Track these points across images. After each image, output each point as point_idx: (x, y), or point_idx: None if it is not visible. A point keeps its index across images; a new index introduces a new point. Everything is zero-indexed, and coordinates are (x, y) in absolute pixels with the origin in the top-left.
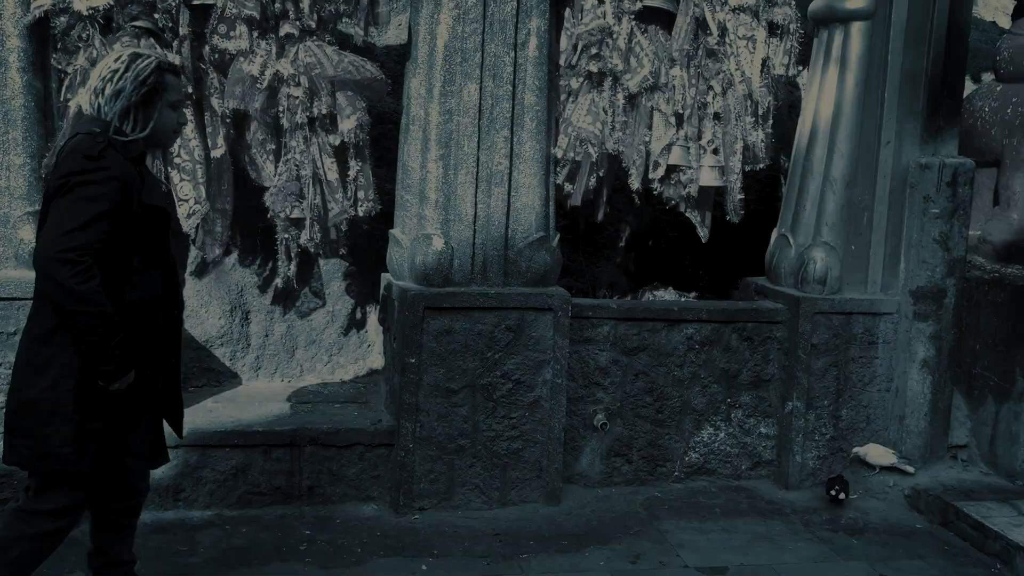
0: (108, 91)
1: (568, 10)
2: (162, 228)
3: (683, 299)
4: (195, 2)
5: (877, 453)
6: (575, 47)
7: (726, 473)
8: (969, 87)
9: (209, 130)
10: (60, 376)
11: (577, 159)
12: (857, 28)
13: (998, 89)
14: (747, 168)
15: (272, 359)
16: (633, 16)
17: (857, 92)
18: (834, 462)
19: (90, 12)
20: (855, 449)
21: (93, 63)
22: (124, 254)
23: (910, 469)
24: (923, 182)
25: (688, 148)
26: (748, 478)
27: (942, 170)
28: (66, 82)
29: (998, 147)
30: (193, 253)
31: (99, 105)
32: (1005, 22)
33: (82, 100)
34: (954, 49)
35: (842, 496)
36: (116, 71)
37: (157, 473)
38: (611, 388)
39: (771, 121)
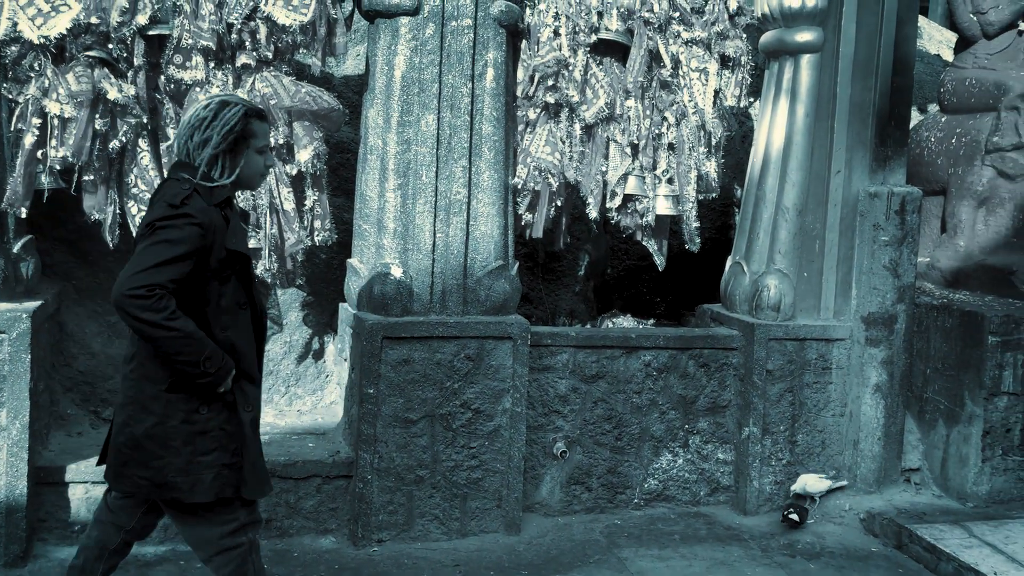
0: (196, 138)
1: (524, 42)
2: (246, 270)
3: (641, 326)
4: (150, 32)
5: (811, 481)
6: (532, 78)
7: (685, 499)
8: (916, 118)
9: (165, 160)
10: (166, 414)
11: (537, 189)
12: (807, 61)
13: (943, 120)
14: (700, 197)
15: None
16: (588, 48)
17: (807, 123)
18: (791, 487)
19: (42, 41)
20: (792, 488)
21: (45, 93)
22: (212, 295)
23: (843, 482)
24: (873, 210)
25: (644, 178)
26: (707, 504)
27: (891, 198)
28: (16, 112)
29: (944, 176)
30: None
31: (188, 150)
32: (949, 55)
33: (173, 144)
34: (900, 81)
35: (795, 516)
36: (204, 119)
37: None
38: (570, 416)
39: (720, 151)
